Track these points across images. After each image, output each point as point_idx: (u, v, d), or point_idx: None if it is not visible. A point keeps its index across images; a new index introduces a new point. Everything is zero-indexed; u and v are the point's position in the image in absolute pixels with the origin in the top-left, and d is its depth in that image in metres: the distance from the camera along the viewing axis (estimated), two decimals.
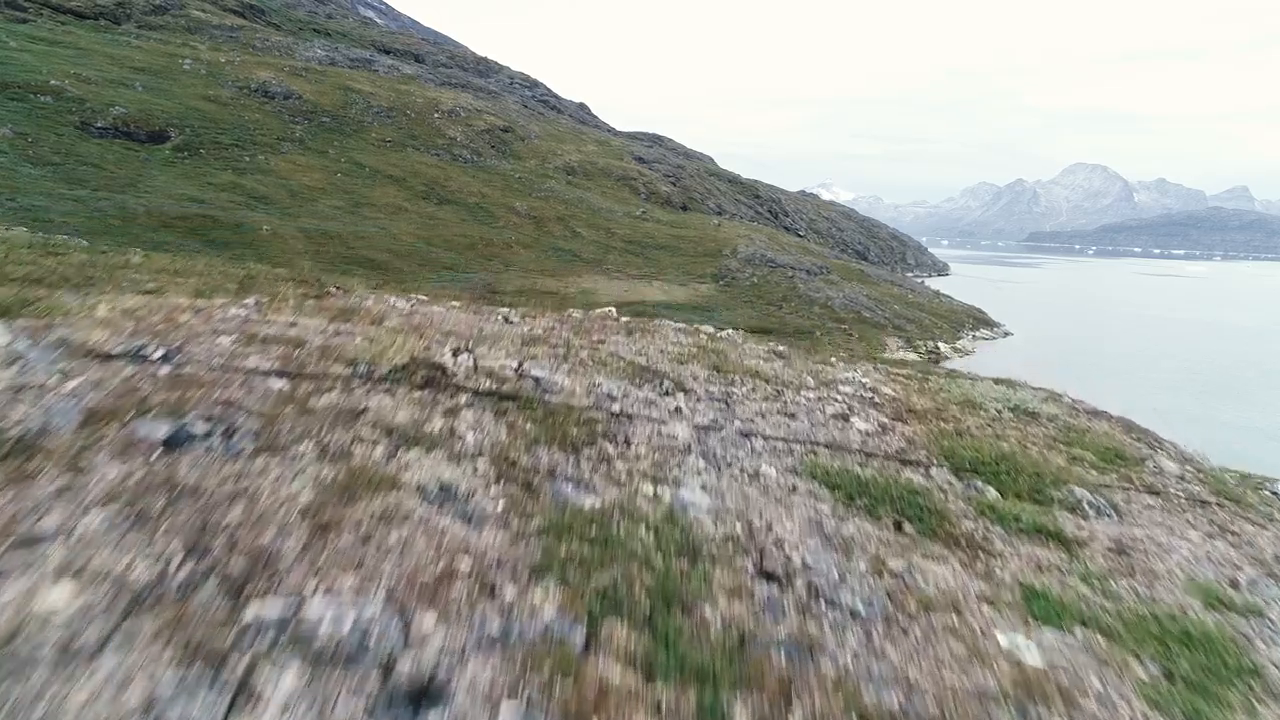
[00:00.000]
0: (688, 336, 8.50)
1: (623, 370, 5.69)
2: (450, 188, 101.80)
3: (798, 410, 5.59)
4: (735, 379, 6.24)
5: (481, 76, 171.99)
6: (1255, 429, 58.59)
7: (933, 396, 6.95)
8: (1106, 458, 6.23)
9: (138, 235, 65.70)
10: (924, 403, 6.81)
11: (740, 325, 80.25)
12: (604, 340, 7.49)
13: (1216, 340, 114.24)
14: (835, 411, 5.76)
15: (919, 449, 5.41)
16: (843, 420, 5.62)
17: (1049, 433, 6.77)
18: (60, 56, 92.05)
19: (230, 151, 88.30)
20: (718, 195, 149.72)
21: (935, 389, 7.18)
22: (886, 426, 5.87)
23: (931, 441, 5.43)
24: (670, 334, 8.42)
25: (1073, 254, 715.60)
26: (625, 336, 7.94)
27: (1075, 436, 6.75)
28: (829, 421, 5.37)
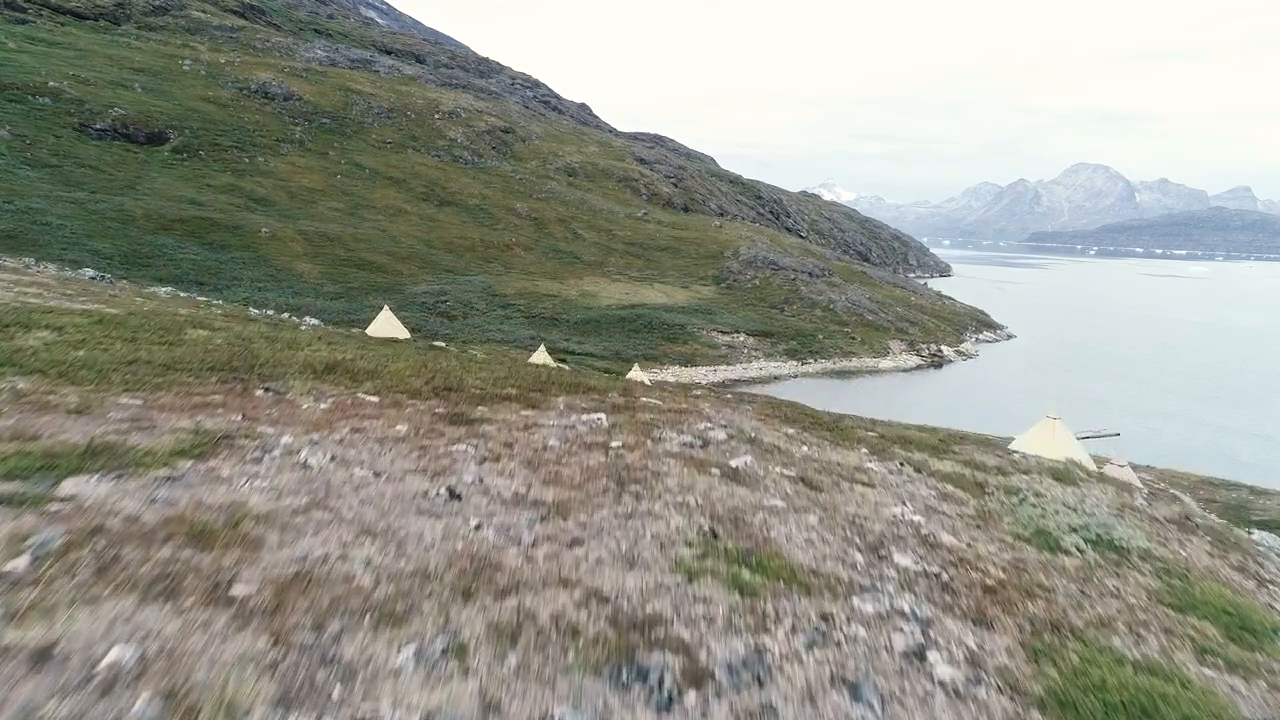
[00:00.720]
0: (702, 476, 5.43)
1: (592, 654, 3.30)
2: (451, 189, 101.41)
3: (855, 653, 3.50)
4: (767, 602, 3.79)
5: (483, 77, 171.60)
6: (1269, 437, 58.02)
7: (1002, 538, 5.45)
8: (1232, 630, 4.96)
9: (136, 238, 65.36)
10: (998, 560, 5.25)
11: (742, 328, 79.89)
12: (583, 533, 4.60)
13: (1223, 342, 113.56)
14: (904, 647, 3.85)
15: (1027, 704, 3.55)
16: (916, 660, 3.77)
17: (1152, 586, 5.31)
18: (59, 57, 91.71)
19: (230, 153, 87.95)
20: (719, 196, 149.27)
21: (998, 512, 5.81)
22: (975, 657, 3.93)
23: (1033, 670, 3.97)
24: (684, 479, 5.27)
25: (1074, 254, 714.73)
26: (614, 500, 4.96)
27: (1184, 592, 5.32)
28: (900, 667, 3.62)
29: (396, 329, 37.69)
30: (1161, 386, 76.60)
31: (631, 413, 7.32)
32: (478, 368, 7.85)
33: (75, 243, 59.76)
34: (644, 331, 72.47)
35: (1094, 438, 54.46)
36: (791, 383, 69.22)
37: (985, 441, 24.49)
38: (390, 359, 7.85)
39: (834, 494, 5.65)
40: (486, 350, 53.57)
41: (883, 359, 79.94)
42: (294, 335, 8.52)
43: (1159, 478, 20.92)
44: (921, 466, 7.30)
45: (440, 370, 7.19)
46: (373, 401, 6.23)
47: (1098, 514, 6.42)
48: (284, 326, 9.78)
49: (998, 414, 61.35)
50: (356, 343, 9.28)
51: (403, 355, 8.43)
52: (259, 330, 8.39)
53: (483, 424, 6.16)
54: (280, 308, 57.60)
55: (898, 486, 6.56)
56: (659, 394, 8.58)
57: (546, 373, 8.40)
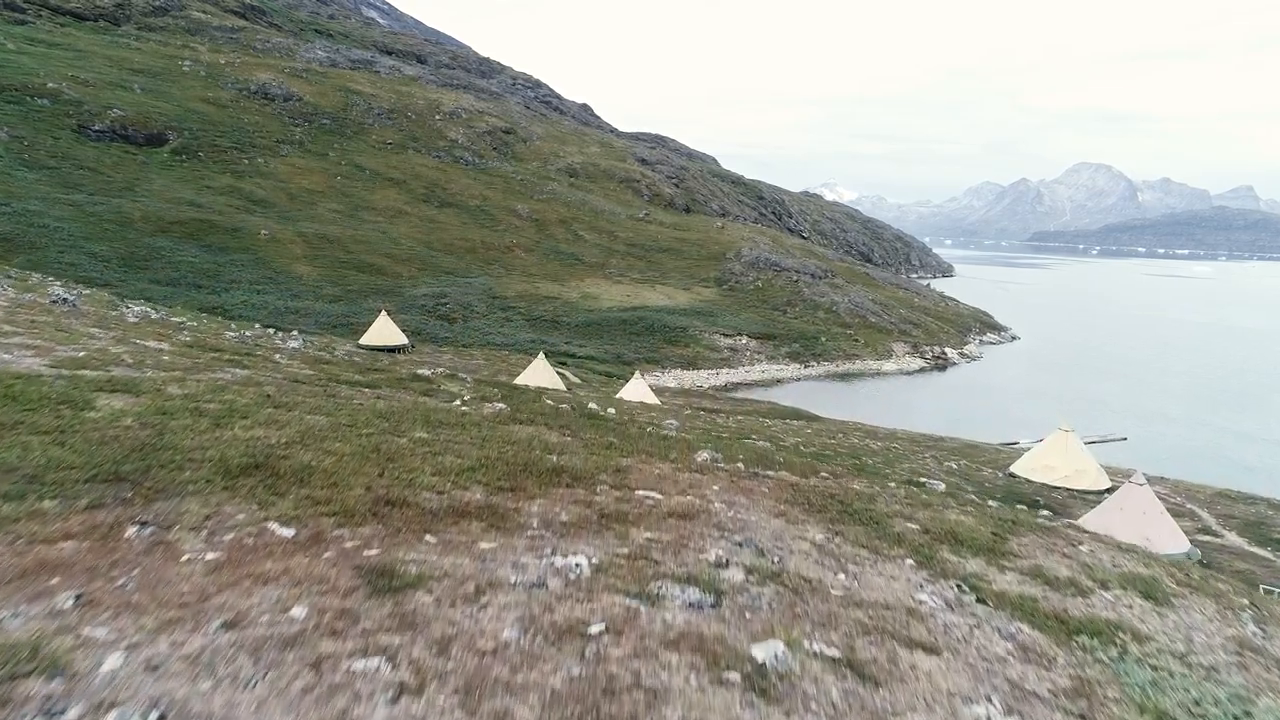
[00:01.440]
0: (717, 692, 3.48)
1: None
2: (451, 190, 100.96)
3: None
4: None
5: (484, 77, 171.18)
6: (1275, 441, 57.43)
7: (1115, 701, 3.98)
8: None
9: (134, 240, 64.94)
10: None
11: (744, 330, 79.38)
12: None
13: (1227, 343, 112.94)
14: None
15: None
16: None
17: None
18: (59, 58, 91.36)
19: (229, 154, 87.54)
20: (721, 197, 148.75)
21: (1100, 681, 4.12)
22: None
23: None
24: (692, 702, 3.25)
25: (1077, 254, 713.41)
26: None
27: None
28: None
29: (393, 335, 37.36)
30: (1165, 388, 76.05)
31: (624, 528, 5.22)
32: (446, 444, 6.43)
33: (73, 245, 59.36)
34: (645, 334, 71.98)
35: (1100, 442, 53.91)
36: (794, 386, 68.73)
37: (995, 451, 24.07)
38: (339, 432, 6.13)
39: (893, 689, 3.84)
40: (485, 355, 53.14)
41: (886, 361, 79.40)
42: (235, 399, 6.66)
43: (1174, 490, 20.42)
44: (981, 586, 5.59)
45: (394, 456, 5.74)
46: (283, 539, 4.16)
47: (1219, 668, 5.35)
48: (254, 357, 8.63)
49: (1002, 418, 60.83)
50: (318, 395, 7.67)
51: (360, 421, 6.64)
52: (196, 390, 6.77)
53: (417, 590, 3.76)
54: (267, 319, 56.97)
55: (967, 645, 4.81)
56: (659, 466, 6.78)
57: (525, 454, 6.60)
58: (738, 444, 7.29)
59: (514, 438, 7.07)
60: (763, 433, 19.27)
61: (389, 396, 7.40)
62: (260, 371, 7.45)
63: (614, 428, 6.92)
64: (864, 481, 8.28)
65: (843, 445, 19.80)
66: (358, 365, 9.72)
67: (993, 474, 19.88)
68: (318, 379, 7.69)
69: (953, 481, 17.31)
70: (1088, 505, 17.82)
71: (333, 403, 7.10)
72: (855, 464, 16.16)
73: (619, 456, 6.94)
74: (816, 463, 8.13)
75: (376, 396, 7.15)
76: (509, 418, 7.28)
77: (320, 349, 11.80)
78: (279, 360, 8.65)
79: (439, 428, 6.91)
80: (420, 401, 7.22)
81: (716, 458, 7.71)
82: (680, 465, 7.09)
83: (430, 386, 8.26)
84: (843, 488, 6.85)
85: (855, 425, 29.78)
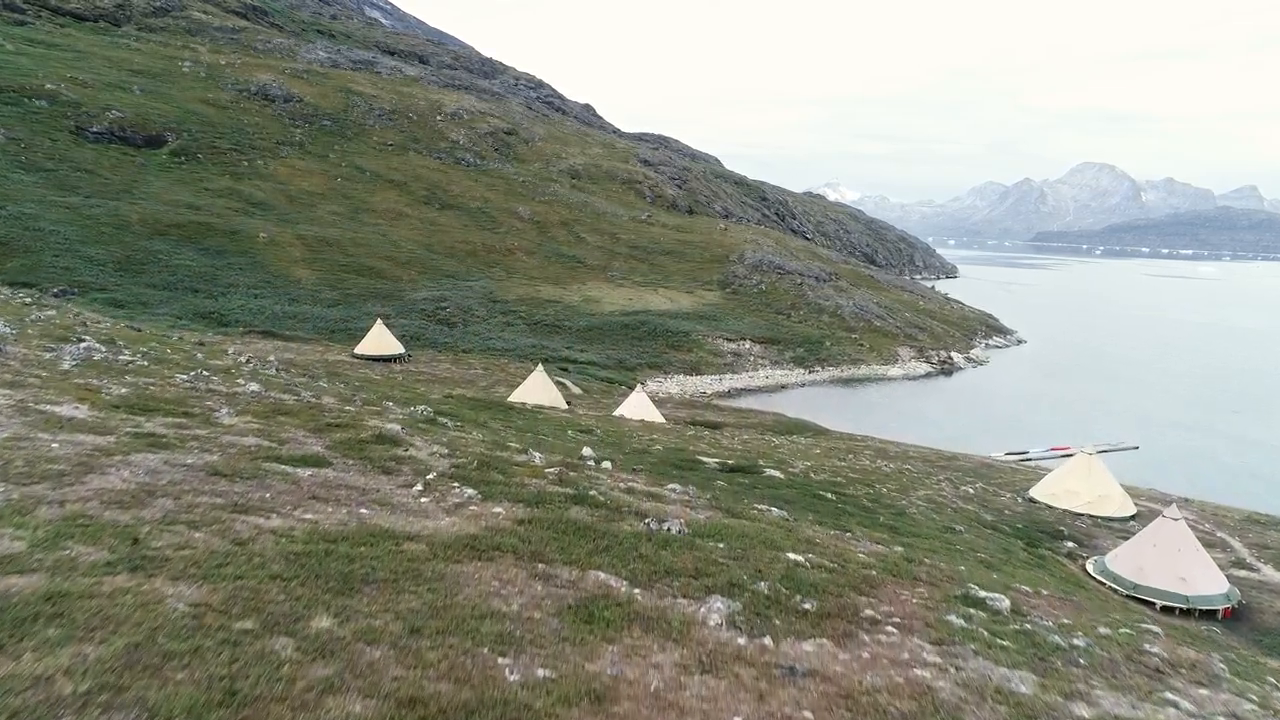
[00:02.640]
0: None
1: None
2: (452, 192, 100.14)
3: None
4: None
5: (486, 78, 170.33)
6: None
7: None
8: None
9: (130, 243, 64.19)
10: None
11: (748, 334, 78.44)
12: None
13: (1235, 346, 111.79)
14: None
15: None
16: None
17: None
18: (57, 59, 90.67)
19: (228, 156, 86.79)
20: (724, 198, 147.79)
21: None
22: None
23: None
24: None
25: (1080, 254, 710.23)
26: None
27: None
28: None
29: (389, 344, 36.65)
30: (1176, 393, 74.99)
31: None
32: (353, 654, 4.19)
33: (68, 249, 58.64)
34: (648, 339, 71.07)
35: (1112, 451, 52.94)
36: (798, 392, 67.82)
37: (1011, 471, 23.10)
38: (193, 641, 4.06)
39: None
40: (484, 363, 52.19)
41: (891, 366, 78.43)
42: (78, 553, 4.67)
43: (1201, 516, 19.56)
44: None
45: (253, 700, 3.64)
46: None
47: None
48: (193, 416, 6.75)
49: (1012, 426, 59.85)
50: (221, 514, 5.44)
51: (245, 598, 4.64)
52: (24, 548, 4.71)
53: None
54: (264, 324, 56.01)
55: None
56: (658, 656, 4.90)
57: (465, 667, 4.32)
58: (760, 550, 4.86)
59: (460, 607, 5.10)
60: (770, 456, 18.41)
61: (329, 490, 5.72)
62: (184, 448, 6.14)
63: (602, 533, 5.02)
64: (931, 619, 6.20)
65: (854, 468, 18.93)
66: (319, 417, 8.29)
67: (1011, 498, 19.00)
68: (256, 454, 6.30)
69: (970, 510, 16.47)
70: (1113, 534, 16.94)
71: (229, 540, 5.31)
72: (870, 494, 15.33)
73: (603, 639, 5.01)
74: (855, 593, 6.05)
75: (311, 495, 5.49)
76: (469, 543, 5.48)
77: (288, 384, 10.24)
78: (224, 417, 7.47)
79: (357, 594, 4.97)
80: (353, 526, 5.25)
81: (734, 612, 5.68)
82: (685, 642, 5.13)
83: (396, 453, 6.95)
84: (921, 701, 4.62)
85: (864, 442, 28.88)
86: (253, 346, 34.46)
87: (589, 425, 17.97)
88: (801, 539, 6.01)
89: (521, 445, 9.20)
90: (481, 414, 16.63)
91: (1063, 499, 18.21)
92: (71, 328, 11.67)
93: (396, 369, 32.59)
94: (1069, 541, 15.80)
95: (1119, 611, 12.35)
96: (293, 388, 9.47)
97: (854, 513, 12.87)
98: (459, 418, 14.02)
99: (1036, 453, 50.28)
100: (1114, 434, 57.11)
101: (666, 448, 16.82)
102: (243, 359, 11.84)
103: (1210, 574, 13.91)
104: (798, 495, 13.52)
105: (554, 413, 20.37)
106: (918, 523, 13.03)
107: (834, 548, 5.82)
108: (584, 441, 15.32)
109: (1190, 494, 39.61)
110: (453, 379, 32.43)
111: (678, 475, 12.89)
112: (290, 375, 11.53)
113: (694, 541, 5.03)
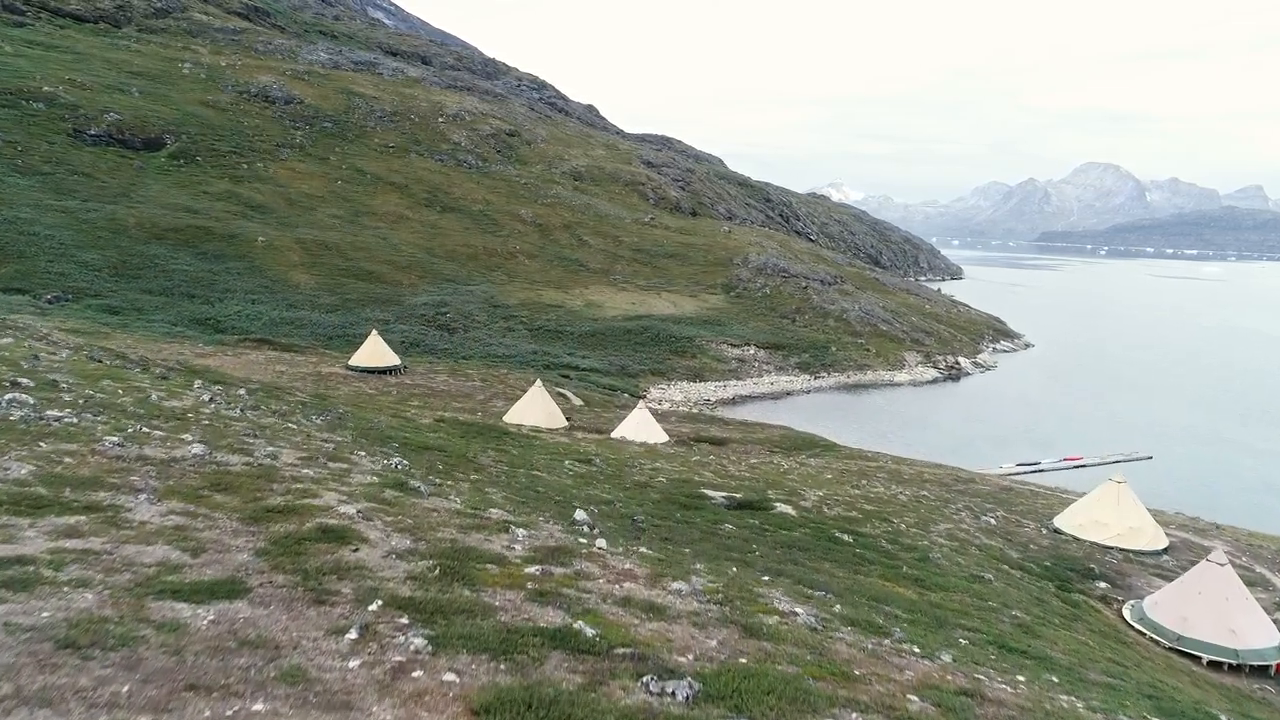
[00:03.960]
0: None
1: None
2: (454, 194, 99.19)
3: None
4: None
5: (489, 79, 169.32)
6: None
7: None
8: None
9: (126, 248, 63.31)
10: None
11: (752, 339, 77.34)
12: None
13: (1245, 349, 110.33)
14: None
15: None
16: None
17: None
18: (56, 61, 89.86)
19: (228, 158, 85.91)
20: (728, 199, 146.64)
21: None
22: None
23: None
24: None
25: (1085, 254, 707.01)
26: None
27: None
28: None
29: (384, 355, 35.59)
30: (1187, 400, 73.71)
31: None
32: None
33: (63, 254, 57.83)
34: (651, 345, 70.03)
35: (1124, 461, 51.79)
36: (803, 399, 66.70)
37: (1032, 495, 21.86)
38: None
39: None
40: (482, 373, 51.07)
41: (898, 372, 77.29)
42: None
43: (1236, 547, 18.49)
44: None
45: None
46: None
47: None
48: (96, 512, 5.76)
49: (1022, 434, 58.71)
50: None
51: None
52: None
53: None
54: (261, 331, 54.73)
55: None
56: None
57: None
58: (791, 714, 3.52)
59: None
60: (780, 484, 17.38)
61: (221, 663, 3.87)
62: (51, 585, 4.37)
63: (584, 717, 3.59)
64: None
65: (869, 497, 17.90)
66: (263, 494, 6.84)
67: (1035, 529, 17.95)
68: (149, 585, 4.50)
69: (995, 546, 15.44)
70: (1147, 571, 15.90)
71: None
72: (888, 532, 14.32)
73: None
74: None
75: (190, 681, 3.58)
76: None
77: (247, 432, 8.41)
78: (139, 508, 6.06)
79: None
80: None
81: None
82: None
83: (341, 557, 5.51)
84: None
85: (876, 461, 27.77)
86: (243, 358, 33.48)
87: (588, 453, 16.96)
88: (837, 670, 4.90)
89: (507, 507, 8.04)
90: (473, 444, 15.63)
91: (1090, 530, 17.16)
92: (16, 363, 10.51)
93: (391, 382, 31.59)
94: (1101, 581, 14.76)
95: (1164, 671, 11.29)
96: (247, 444, 8.28)
97: (874, 560, 11.86)
98: (444, 454, 12.99)
99: (1048, 463, 49.19)
100: (1126, 443, 55.97)
101: (670, 479, 15.81)
102: (205, 396, 10.57)
103: (1260, 624, 12.84)
104: (812, 540, 12.51)
105: (551, 437, 19.35)
106: (944, 570, 12.00)
107: (878, 691, 4.68)
108: (581, 477, 14.30)
109: (1209, 511, 38.48)
110: (449, 392, 31.36)
111: (682, 521, 11.89)
112: (257, 415, 10.36)
113: (707, 716, 3.76)
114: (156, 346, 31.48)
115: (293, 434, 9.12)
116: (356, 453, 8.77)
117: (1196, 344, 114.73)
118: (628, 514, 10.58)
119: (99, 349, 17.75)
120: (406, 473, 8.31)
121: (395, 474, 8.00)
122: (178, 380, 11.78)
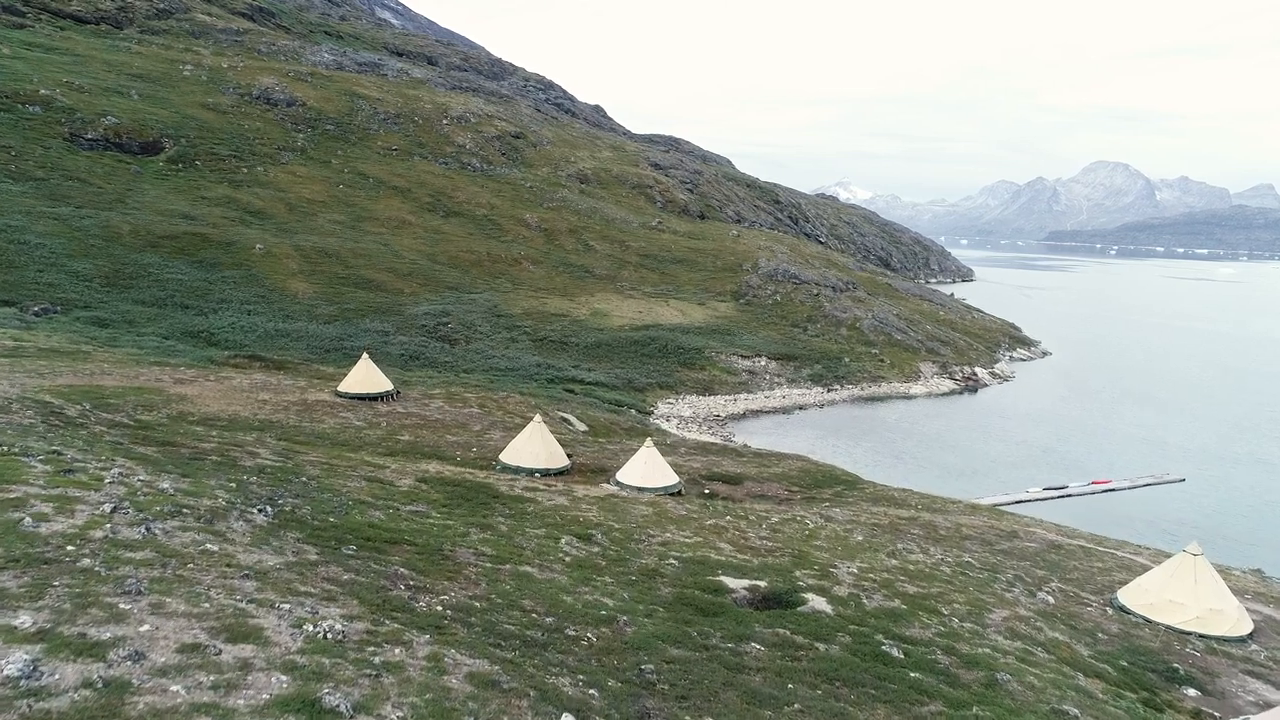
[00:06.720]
0: None
1: None
2: (458, 199, 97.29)
3: None
4: None
5: (494, 79, 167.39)
6: None
7: None
8: None
9: (120, 257, 61.52)
10: None
11: (763, 350, 75.14)
12: None
13: (1275, 362, 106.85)
14: None
15: None
16: None
17: None
18: (55, 63, 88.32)
19: (227, 162, 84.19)
20: (736, 202, 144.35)
21: None
22: None
23: None
24: None
25: (1094, 254, 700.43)
26: None
27: None
28: None
29: (376, 381, 33.49)
30: (1220, 417, 70.95)
31: None
32: None
33: (53, 263, 56.14)
34: (658, 356, 67.92)
35: (1155, 484, 49.47)
36: (816, 413, 64.45)
37: (1085, 555, 19.56)
38: None
39: None
40: (481, 397, 48.88)
41: (914, 384, 74.94)
42: None
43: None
44: None
45: None
46: None
47: None
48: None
49: (1045, 453, 56.35)
50: None
51: None
52: None
53: None
54: (256, 344, 52.66)
55: None
56: None
57: None
58: None
59: None
60: (807, 560, 15.29)
61: None
62: None
63: None
64: None
65: (907, 570, 15.80)
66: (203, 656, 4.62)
67: (1099, 607, 15.85)
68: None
69: (1061, 641, 13.30)
70: (1237, 668, 13.76)
71: None
72: (941, 632, 12.22)
73: None
74: None
75: None
76: None
77: (102, 621, 4.90)
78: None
79: None
80: None
81: None
82: None
83: None
84: None
85: (905, 506, 25.62)
86: (226, 383, 31.49)
87: (588, 523, 14.96)
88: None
89: (470, 703, 5.75)
90: (455, 518, 13.62)
91: (1163, 612, 15.06)
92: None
93: (382, 411, 29.67)
94: (1189, 687, 12.64)
95: None
96: (116, 615, 5.41)
97: (933, 691, 9.82)
98: (416, 549, 10.96)
99: (1076, 487, 46.88)
100: (1156, 464, 53.58)
101: (682, 559, 13.78)
102: (109, 506, 7.85)
103: None
104: (856, 659, 10.47)
105: (549, 497, 17.33)
106: (1017, 702, 9.92)
107: None
108: (580, 568, 12.27)
109: (1250, 540, 36.11)
110: (442, 423, 29.35)
111: (700, 647, 9.83)
112: (174, 526, 8.02)
113: None
114: (133, 373, 29.50)
115: (203, 571, 6.96)
116: (281, 604, 6.62)
117: (1220, 355, 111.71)
118: (633, 666, 8.52)
119: (28, 399, 15.77)
120: (338, 649, 6.02)
121: (315, 667, 5.63)
122: (93, 466, 9.67)
